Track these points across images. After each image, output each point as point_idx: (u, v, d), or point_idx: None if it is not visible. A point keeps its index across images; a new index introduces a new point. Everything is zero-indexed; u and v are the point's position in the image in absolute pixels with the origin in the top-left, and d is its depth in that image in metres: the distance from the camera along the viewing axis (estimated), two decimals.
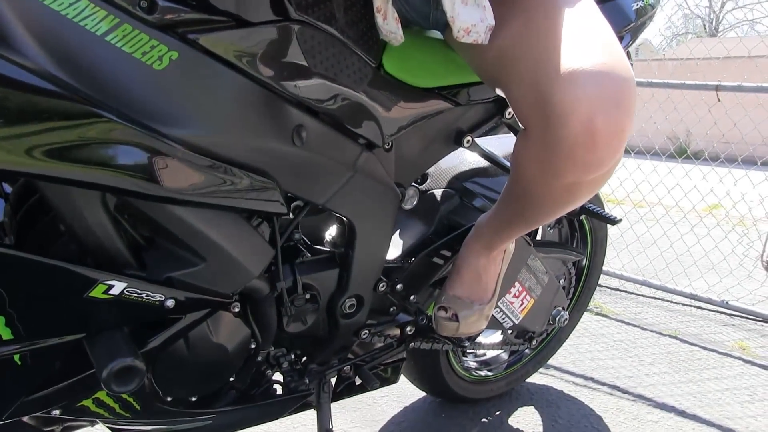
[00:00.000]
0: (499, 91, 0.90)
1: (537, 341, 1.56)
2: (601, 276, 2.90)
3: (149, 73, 0.69)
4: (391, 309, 1.19)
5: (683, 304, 2.63)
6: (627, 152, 3.32)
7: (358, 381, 1.25)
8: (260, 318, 0.98)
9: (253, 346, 1.00)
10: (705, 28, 21.37)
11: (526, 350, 1.67)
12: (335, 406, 1.28)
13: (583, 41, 0.77)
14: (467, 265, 1.12)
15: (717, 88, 2.68)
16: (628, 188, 3.37)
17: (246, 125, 0.77)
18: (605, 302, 2.61)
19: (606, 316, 2.45)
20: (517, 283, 1.32)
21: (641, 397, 1.76)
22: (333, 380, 1.22)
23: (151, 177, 0.70)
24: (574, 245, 1.65)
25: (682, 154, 3.61)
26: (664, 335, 2.27)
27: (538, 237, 1.59)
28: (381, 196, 1.01)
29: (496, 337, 1.53)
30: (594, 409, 1.68)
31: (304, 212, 0.97)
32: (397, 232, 1.22)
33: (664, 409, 1.70)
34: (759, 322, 2.44)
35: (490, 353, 1.64)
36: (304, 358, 1.15)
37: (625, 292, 2.77)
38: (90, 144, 0.66)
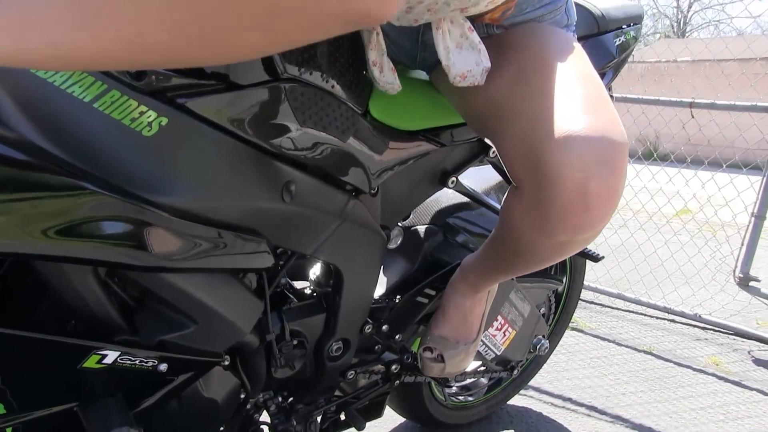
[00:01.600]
0: (488, 141, 0.90)
1: (518, 370, 1.57)
2: None
3: (138, 140, 0.68)
4: (377, 348, 1.19)
5: (657, 317, 2.68)
6: None
7: (342, 416, 1.25)
8: (250, 369, 0.98)
9: (242, 396, 1.00)
10: (673, 29, 21.70)
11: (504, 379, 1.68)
12: None
13: (578, 101, 0.77)
14: (453, 306, 1.13)
15: (691, 105, 2.73)
16: None
17: (236, 187, 0.76)
18: (580, 316, 2.63)
19: (582, 331, 2.48)
20: (499, 317, 1.33)
21: (618, 418, 1.79)
22: (319, 418, 1.22)
23: (140, 247, 0.69)
24: (553, 272, 1.66)
25: (649, 156, 3.62)
26: (639, 351, 2.30)
27: None
28: (368, 241, 1.01)
29: (477, 364, 1.53)
30: (573, 431, 1.70)
31: (292, 261, 0.97)
32: (381, 270, 1.22)
33: (641, 430, 1.73)
34: (731, 336, 2.48)
35: (471, 379, 1.65)
36: (291, 399, 1.15)
37: (600, 305, 2.80)
38: (75, 219, 0.65)
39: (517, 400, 1.84)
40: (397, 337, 1.18)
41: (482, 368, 1.50)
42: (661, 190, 3.20)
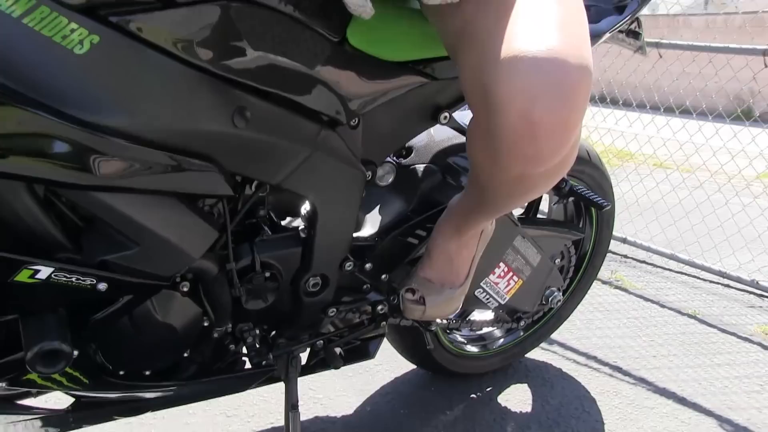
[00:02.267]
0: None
1: (526, 321, 1.52)
2: (628, 247, 2.83)
3: (70, 58, 0.66)
4: (364, 287, 1.17)
5: (711, 281, 2.54)
6: (671, 111, 3.17)
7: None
8: (212, 297, 0.98)
9: (206, 324, 1.00)
10: None
11: (520, 331, 1.64)
12: (326, 373, 1.30)
13: (534, 23, 0.70)
14: (438, 248, 1.09)
15: (765, 53, 2.53)
16: (671, 149, 3.19)
17: (176, 109, 0.74)
18: (628, 275, 2.53)
19: (626, 290, 2.39)
20: (502, 264, 1.28)
21: (642, 380, 1.72)
22: (305, 354, 1.22)
23: (69, 165, 0.69)
24: (580, 223, 1.59)
25: (744, 116, 3.30)
26: (683, 314, 2.19)
27: (543, 214, 1.54)
28: (344, 176, 0.98)
29: (485, 314, 1.49)
30: (590, 391, 1.64)
31: (260, 192, 0.95)
32: (377, 208, 1.20)
33: (664, 394, 1.65)
34: None
35: (483, 330, 1.61)
36: (273, 333, 1.15)
37: (651, 265, 2.68)
38: (8, 135, 0.65)
39: (537, 354, 1.79)
40: (383, 277, 1.15)
41: (488, 318, 1.46)
42: (743, 150, 2.98)
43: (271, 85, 0.82)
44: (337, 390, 1.56)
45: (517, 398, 1.59)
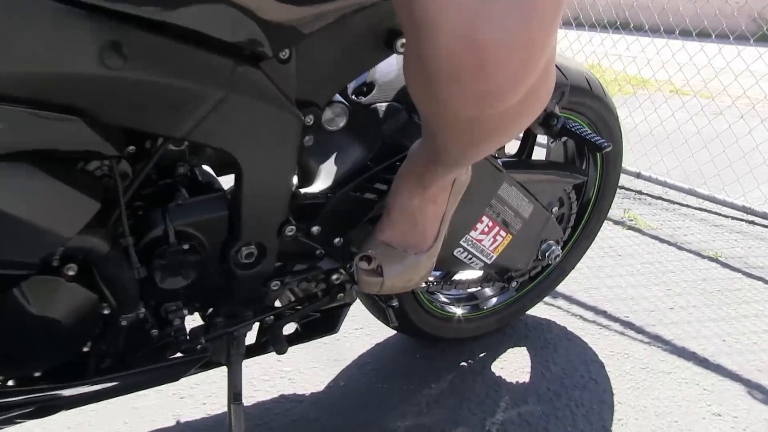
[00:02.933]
0: None
1: (518, 281, 1.31)
2: (642, 183, 2.60)
3: None
4: (317, 252, 0.96)
5: (734, 218, 2.31)
6: (687, 34, 2.88)
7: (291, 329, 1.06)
8: (109, 280, 0.77)
9: (107, 312, 0.80)
10: None
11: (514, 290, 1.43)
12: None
13: None
14: (398, 205, 0.87)
15: None
16: (689, 74, 2.91)
17: (20, 48, 0.54)
18: (642, 214, 2.31)
19: (640, 230, 2.17)
20: (485, 218, 1.07)
21: (657, 338, 1.51)
22: (253, 334, 1.03)
23: None
24: (583, 164, 1.36)
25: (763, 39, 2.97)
26: (703, 257, 1.98)
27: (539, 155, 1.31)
28: (273, 122, 0.77)
29: (472, 272, 1.29)
30: (598, 353, 1.44)
31: (162, 149, 0.75)
32: (327, 159, 0.98)
33: (682, 355, 1.45)
34: None
35: (471, 289, 1.40)
36: (210, 311, 0.96)
37: (668, 201, 2.45)
38: None
39: (540, 310, 1.59)
40: (336, 241, 0.94)
41: (475, 276, 1.25)
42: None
43: (158, 13, 0.60)
44: (308, 361, 1.37)
45: (514, 365, 1.39)
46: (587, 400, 1.29)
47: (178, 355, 0.92)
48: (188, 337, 0.91)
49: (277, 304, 1.03)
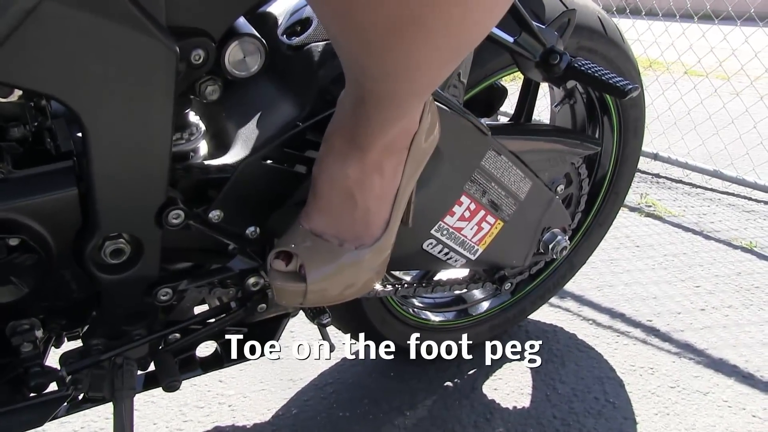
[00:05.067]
0: None
1: (513, 283, 1.03)
2: (660, 165, 2.31)
3: None
4: (230, 248, 0.69)
5: (766, 202, 2.03)
6: (707, 18, 2.58)
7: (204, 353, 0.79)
8: None
9: None
10: None
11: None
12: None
13: None
14: (328, 179, 0.60)
15: None
16: (699, 53, 2.62)
17: None
18: (661, 199, 2.03)
19: (660, 218, 1.89)
20: (465, 198, 0.79)
21: (688, 348, 1.23)
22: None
23: None
24: (596, 132, 1.08)
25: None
26: (735, 247, 1.70)
27: (538, 118, 1.03)
28: (125, 50, 0.50)
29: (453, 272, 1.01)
30: (615, 368, 1.17)
31: None
32: (254, 119, 0.71)
33: (721, 370, 1.17)
34: None
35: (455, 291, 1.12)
36: (85, 330, 0.69)
37: (690, 185, 2.17)
38: None
39: (545, 314, 1.32)
40: (249, 231, 0.67)
41: (458, 276, 0.98)
42: None
43: None
44: (255, 382, 1.10)
45: (511, 385, 1.12)
46: (604, 430, 1.02)
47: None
48: (43, 370, 0.65)
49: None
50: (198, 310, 0.79)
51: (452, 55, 0.48)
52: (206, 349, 0.84)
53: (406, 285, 0.92)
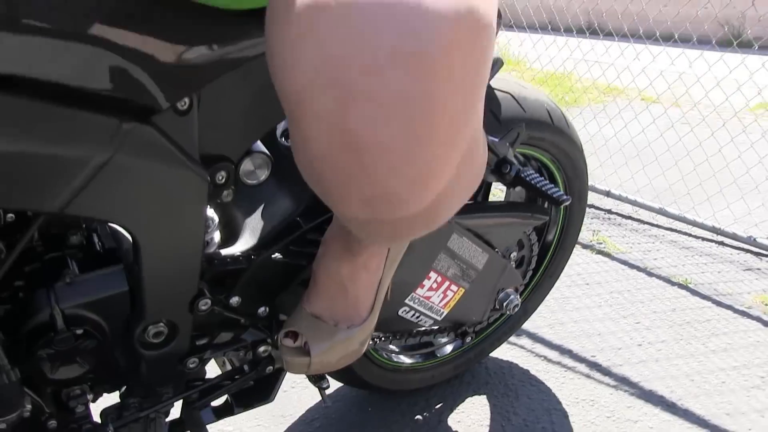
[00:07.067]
0: None
1: (473, 337, 1.22)
2: (613, 201, 2.53)
3: None
4: (242, 321, 0.86)
5: (704, 239, 2.25)
6: (653, 39, 2.80)
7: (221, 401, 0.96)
8: None
9: None
10: None
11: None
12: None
13: None
14: (326, 273, 0.78)
15: None
16: (653, 82, 2.79)
17: None
18: (611, 236, 2.24)
19: (609, 255, 2.09)
20: (433, 273, 0.98)
21: (625, 381, 1.43)
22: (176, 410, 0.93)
23: None
24: (545, 203, 1.27)
25: (730, 44, 2.78)
26: (673, 284, 1.91)
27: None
28: (169, 185, 0.66)
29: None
30: (562, 400, 1.36)
31: (36, 226, 0.64)
32: (258, 211, 0.88)
33: (650, 400, 1.37)
34: None
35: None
36: (123, 390, 0.86)
37: (638, 221, 2.39)
38: None
39: (503, 350, 1.51)
40: (261, 310, 0.85)
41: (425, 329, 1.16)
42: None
43: (15, 67, 0.50)
44: (250, 419, 1.27)
45: (473, 417, 1.30)
46: None
47: None
48: (94, 426, 0.81)
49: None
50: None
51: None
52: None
53: (383, 338, 1.10)
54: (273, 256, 0.82)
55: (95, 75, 0.54)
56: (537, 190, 0.96)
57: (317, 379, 0.95)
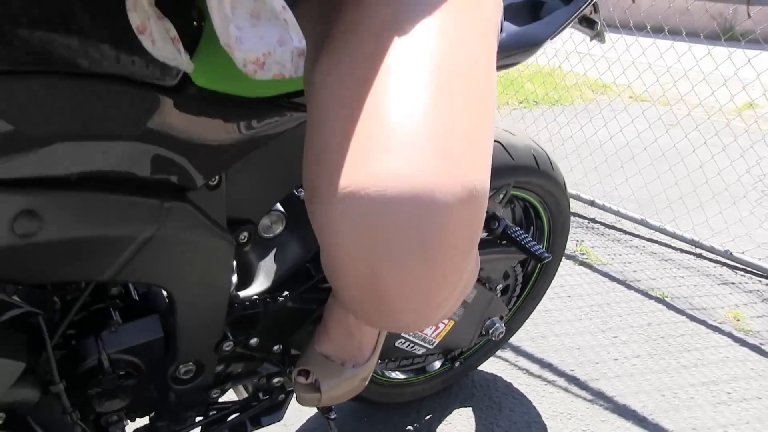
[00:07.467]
0: None
1: (461, 362, 1.33)
2: (597, 211, 2.64)
3: None
4: (258, 356, 0.97)
5: (683, 251, 2.37)
6: (638, 29, 2.89)
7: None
8: (41, 424, 0.78)
9: None
10: None
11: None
12: None
13: (400, 125, 0.47)
14: (334, 320, 0.88)
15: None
16: (641, 75, 2.89)
17: None
18: (594, 246, 2.35)
19: (591, 266, 2.21)
20: None
21: (600, 395, 1.55)
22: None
23: None
24: (530, 232, 1.38)
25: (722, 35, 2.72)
26: (651, 297, 2.02)
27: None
28: (202, 250, 0.76)
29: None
30: (541, 413, 1.48)
31: (89, 290, 0.74)
32: (264, 265, 0.98)
33: (623, 414, 1.49)
34: (763, 282, 2.17)
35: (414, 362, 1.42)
36: (152, 415, 0.96)
37: (621, 231, 2.50)
38: None
39: (489, 365, 1.62)
40: (275, 348, 0.95)
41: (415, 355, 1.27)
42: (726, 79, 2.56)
43: (75, 169, 0.59)
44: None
45: (459, 428, 1.42)
46: None
47: None
48: None
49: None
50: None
51: None
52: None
53: (379, 362, 1.20)
54: (288, 303, 0.92)
55: (143, 165, 0.64)
56: (521, 246, 1.07)
57: (326, 411, 1.06)
